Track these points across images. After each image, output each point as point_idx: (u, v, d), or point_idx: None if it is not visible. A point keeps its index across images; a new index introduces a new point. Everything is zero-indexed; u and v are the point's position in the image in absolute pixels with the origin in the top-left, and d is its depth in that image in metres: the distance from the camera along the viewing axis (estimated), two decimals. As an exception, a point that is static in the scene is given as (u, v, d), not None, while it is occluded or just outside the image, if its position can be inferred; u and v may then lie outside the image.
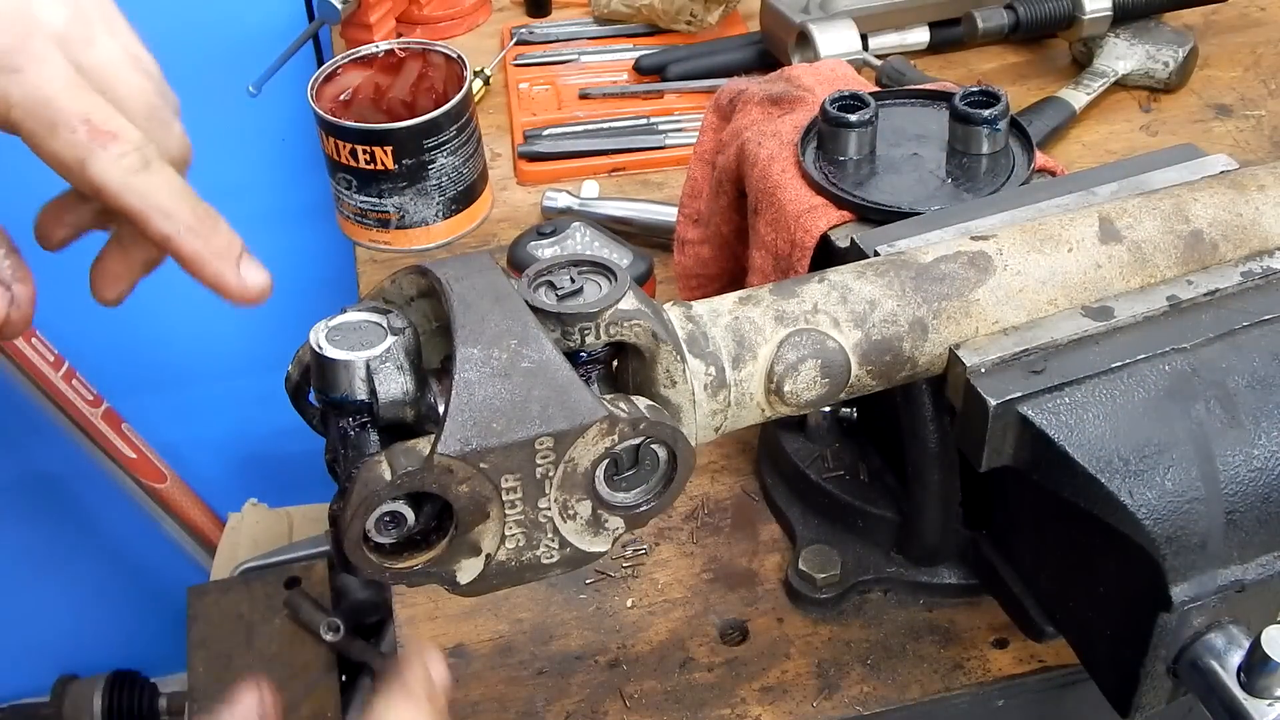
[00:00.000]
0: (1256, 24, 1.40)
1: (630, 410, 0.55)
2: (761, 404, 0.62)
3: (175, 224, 0.52)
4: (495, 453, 0.52)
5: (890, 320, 0.63)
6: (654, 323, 0.57)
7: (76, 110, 0.50)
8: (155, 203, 0.51)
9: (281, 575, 1.49)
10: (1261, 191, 0.69)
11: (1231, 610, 0.60)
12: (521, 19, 1.50)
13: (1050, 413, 0.61)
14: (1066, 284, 0.65)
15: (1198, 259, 0.67)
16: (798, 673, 0.78)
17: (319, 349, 0.53)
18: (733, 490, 0.90)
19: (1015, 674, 0.77)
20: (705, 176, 0.95)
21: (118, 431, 1.72)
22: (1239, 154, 1.19)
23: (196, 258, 0.53)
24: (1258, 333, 0.64)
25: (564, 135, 1.27)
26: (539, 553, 0.56)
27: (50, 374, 1.63)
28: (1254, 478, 0.60)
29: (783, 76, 0.94)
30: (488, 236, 1.18)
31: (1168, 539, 0.58)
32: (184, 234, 0.52)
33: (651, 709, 0.77)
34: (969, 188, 0.80)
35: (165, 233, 0.52)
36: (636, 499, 0.58)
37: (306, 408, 0.59)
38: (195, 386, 1.84)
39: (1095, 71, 1.28)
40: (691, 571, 0.85)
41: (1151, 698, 0.63)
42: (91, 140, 0.50)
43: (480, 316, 0.53)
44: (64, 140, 0.49)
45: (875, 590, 0.82)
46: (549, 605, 0.83)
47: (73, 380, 1.66)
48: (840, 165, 0.82)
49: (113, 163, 0.50)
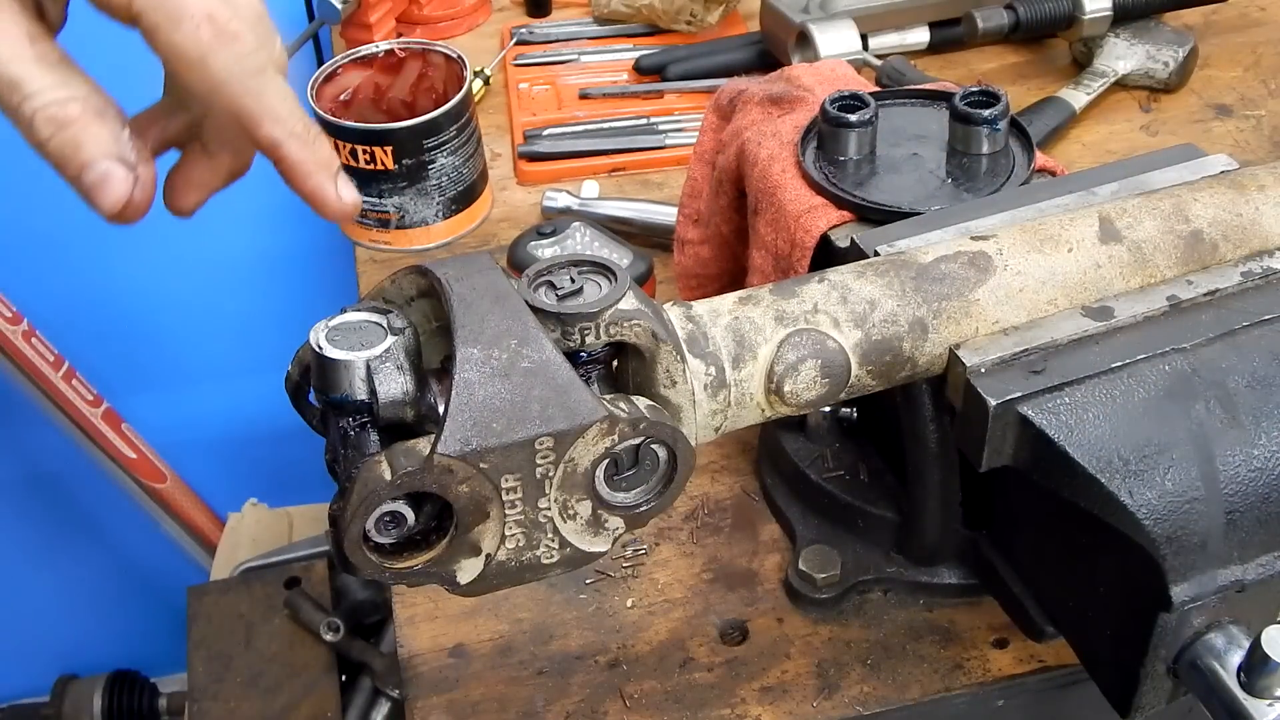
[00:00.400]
0: (1256, 24, 1.40)
1: (630, 410, 0.55)
2: (761, 404, 0.62)
3: (286, 129, 0.52)
4: (495, 453, 0.52)
5: (890, 320, 0.63)
6: (654, 323, 0.57)
7: (202, 6, 0.50)
8: (270, 105, 0.52)
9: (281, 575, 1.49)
10: (1261, 191, 0.69)
11: (1231, 610, 0.60)
12: (521, 19, 1.50)
13: (1050, 413, 0.61)
14: (1066, 284, 0.65)
15: (1198, 259, 0.67)
16: (798, 673, 0.78)
17: (319, 349, 0.53)
18: (733, 490, 0.90)
19: (1015, 674, 0.77)
20: (705, 176, 0.95)
21: (118, 431, 1.72)
22: (1239, 154, 1.19)
23: (300, 166, 0.53)
24: (1258, 333, 0.64)
25: (564, 135, 1.27)
26: (539, 553, 0.56)
27: (50, 374, 1.63)
28: (1254, 478, 0.60)
29: (783, 76, 0.94)
30: (488, 236, 1.18)
31: (1168, 539, 0.58)
32: (292, 141, 0.52)
33: (651, 709, 0.77)
34: (969, 188, 0.80)
35: (276, 137, 0.52)
36: (636, 499, 0.58)
37: (306, 408, 0.59)
38: (195, 386, 1.84)
39: (1095, 71, 1.28)
40: (691, 571, 0.85)
41: (1151, 698, 0.63)
42: (215, 37, 0.50)
43: (480, 316, 0.53)
44: (187, 34, 0.49)
45: (875, 590, 0.82)
46: (549, 605, 0.83)
47: (73, 380, 1.66)
48: (840, 165, 0.82)
49: (235, 61, 0.50)
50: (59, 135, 0.50)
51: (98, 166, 0.51)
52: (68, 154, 0.51)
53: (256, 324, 1.76)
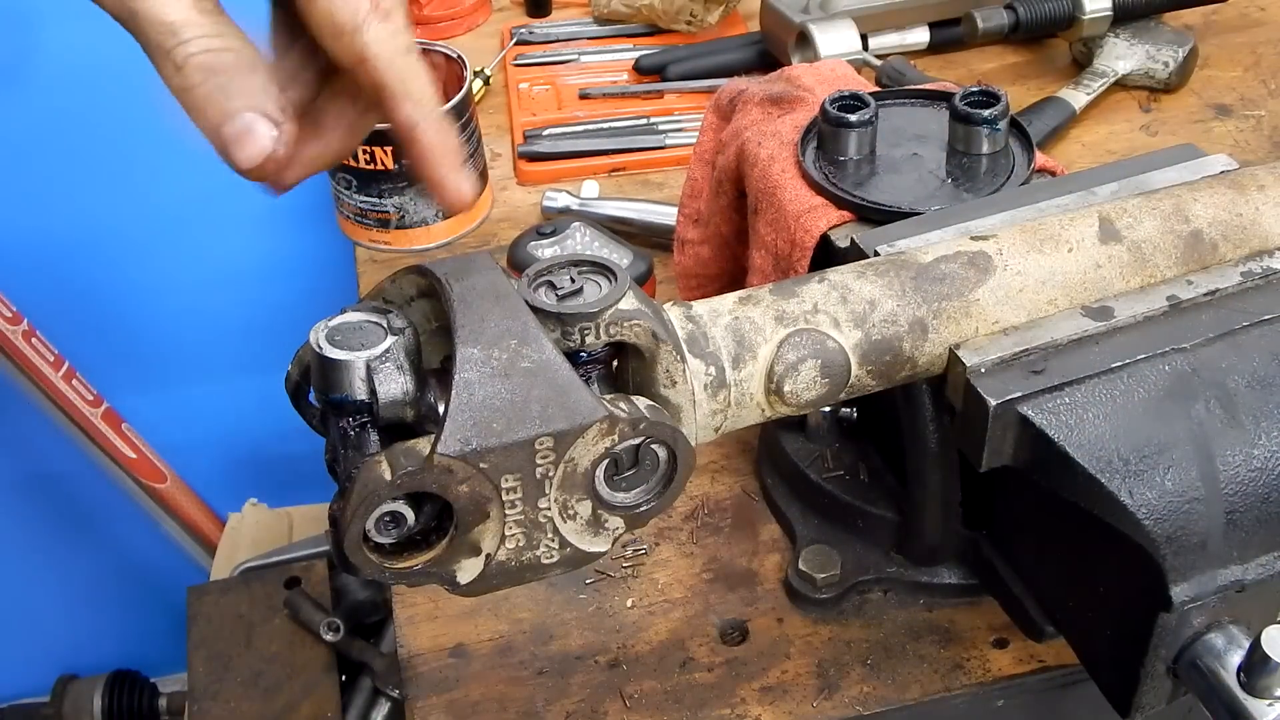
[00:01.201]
0: (1256, 24, 1.40)
1: (630, 410, 0.55)
2: (761, 404, 0.62)
3: (424, 111, 0.52)
4: (495, 453, 0.52)
5: (890, 320, 0.63)
6: (654, 323, 0.57)
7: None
8: (414, 86, 0.52)
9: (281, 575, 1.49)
10: (1261, 191, 0.69)
11: (1231, 610, 0.60)
12: (521, 19, 1.50)
13: (1050, 413, 0.61)
14: (1066, 284, 0.65)
15: (1198, 259, 0.67)
16: (798, 673, 0.78)
17: (319, 349, 0.53)
18: (733, 490, 0.90)
19: (1015, 674, 0.77)
20: (705, 176, 0.95)
21: (118, 431, 1.72)
22: (1239, 154, 1.19)
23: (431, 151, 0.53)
24: (1258, 333, 0.64)
25: (564, 135, 1.27)
26: (539, 553, 0.56)
27: (50, 374, 1.63)
28: (1254, 478, 0.60)
29: (783, 76, 0.94)
30: (488, 236, 1.18)
31: (1168, 539, 0.58)
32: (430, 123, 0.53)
33: (651, 709, 0.77)
34: (969, 188, 0.80)
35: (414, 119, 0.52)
36: (636, 499, 0.58)
37: (306, 408, 0.59)
38: (195, 386, 1.84)
39: (1095, 71, 1.28)
40: (691, 571, 0.85)
41: (1151, 698, 0.63)
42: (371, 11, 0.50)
43: (480, 316, 0.53)
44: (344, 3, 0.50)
45: (875, 590, 0.82)
46: (549, 605, 0.83)
47: (73, 380, 1.66)
48: (840, 165, 0.82)
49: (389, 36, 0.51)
50: (209, 82, 0.50)
51: (243, 118, 0.50)
52: (215, 100, 0.50)
53: (256, 324, 1.75)
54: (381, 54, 0.51)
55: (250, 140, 0.51)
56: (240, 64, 0.51)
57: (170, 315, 1.76)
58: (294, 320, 0.76)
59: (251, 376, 1.74)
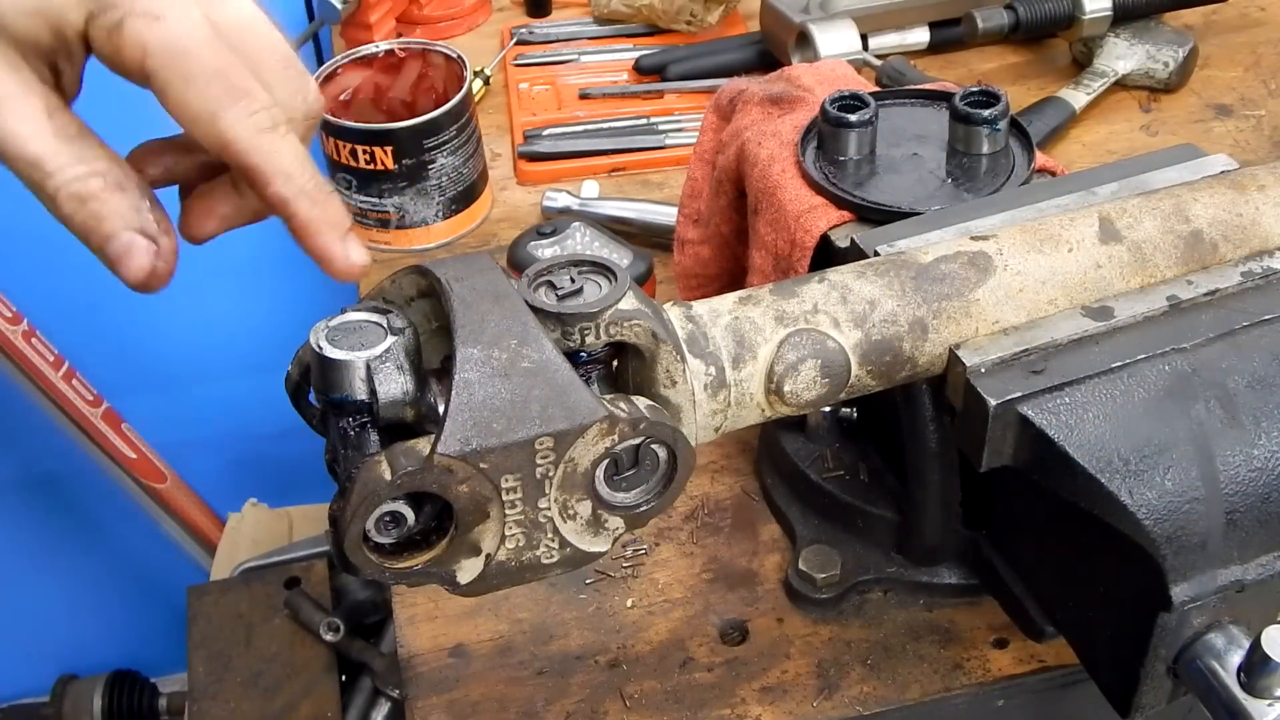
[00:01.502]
0: (1256, 24, 1.40)
1: (630, 410, 0.55)
2: (761, 404, 0.62)
3: (294, 187, 0.52)
4: (495, 453, 0.52)
5: (890, 320, 0.63)
6: (654, 323, 0.57)
7: (213, 64, 0.50)
8: (279, 164, 0.52)
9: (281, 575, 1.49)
10: (1261, 191, 0.69)
11: (1231, 610, 0.60)
12: (521, 19, 1.50)
13: (1050, 413, 0.61)
14: (1066, 284, 0.65)
15: (1198, 259, 0.67)
16: (798, 673, 0.78)
17: (319, 349, 0.53)
18: (733, 490, 0.90)
19: (1015, 674, 0.77)
20: (705, 176, 0.95)
21: (118, 431, 1.72)
22: (1239, 154, 1.19)
23: (308, 225, 0.53)
24: (1258, 333, 0.64)
25: (564, 135, 1.27)
26: (539, 553, 0.56)
27: (50, 374, 1.63)
28: (1254, 478, 0.60)
29: (783, 76, 0.94)
30: (488, 236, 1.18)
31: (1168, 539, 0.58)
32: (301, 199, 0.52)
33: (651, 709, 0.77)
34: (969, 188, 0.80)
35: (284, 195, 0.52)
36: (636, 499, 0.58)
37: (306, 408, 0.59)
38: (195, 386, 1.84)
39: (1095, 71, 1.28)
40: (691, 571, 0.85)
41: (1151, 698, 0.63)
42: (225, 95, 0.50)
43: (480, 316, 0.53)
44: (197, 93, 0.50)
45: (875, 590, 0.82)
46: (549, 605, 0.83)
47: (73, 380, 1.66)
48: (840, 165, 0.82)
49: (244, 119, 0.50)
50: (81, 210, 0.51)
51: (120, 238, 0.52)
52: (91, 227, 0.52)
53: (256, 324, 1.75)
54: (240, 138, 0.51)
55: (130, 259, 0.52)
56: (108, 187, 0.51)
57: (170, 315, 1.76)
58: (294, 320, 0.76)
59: (251, 376, 1.74)
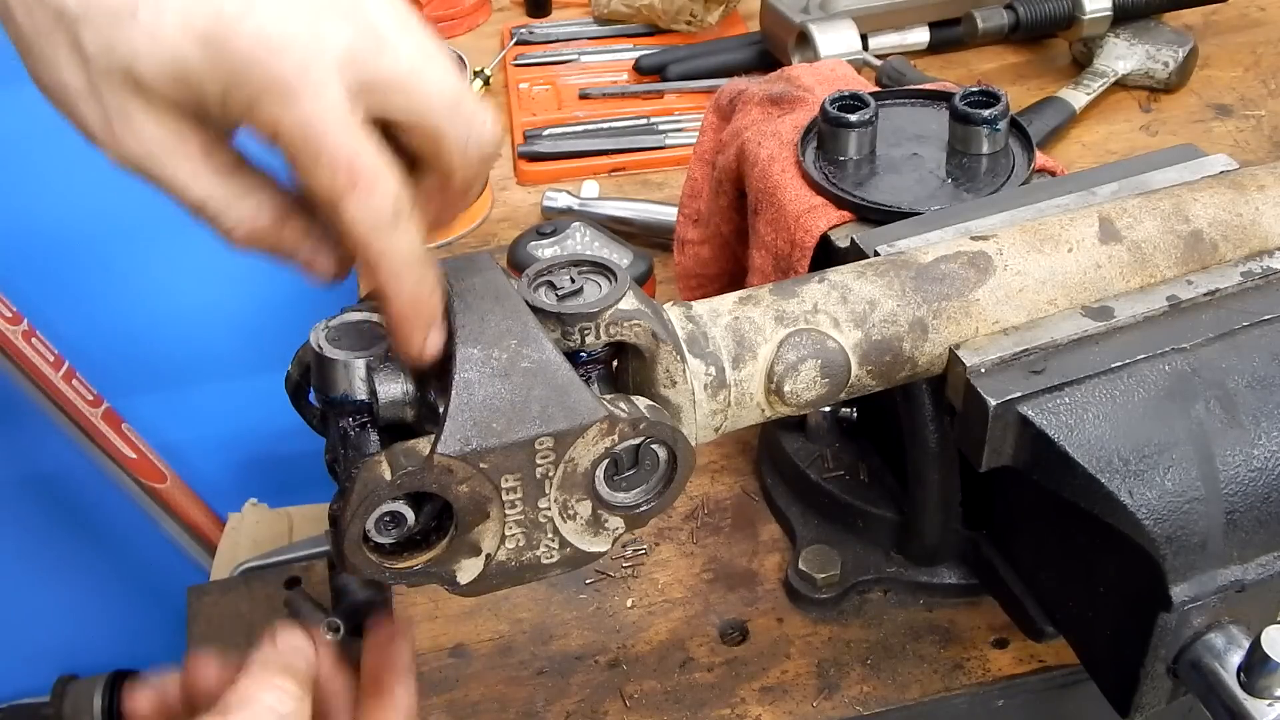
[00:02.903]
0: (1256, 24, 1.40)
1: (630, 410, 0.55)
2: (761, 404, 0.62)
3: (399, 287, 0.52)
4: (495, 453, 0.52)
5: (890, 320, 0.63)
6: (654, 323, 0.57)
7: (343, 151, 0.49)
8: (390, 265, 0.51)
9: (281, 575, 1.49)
10: (1261, 191, 0.69)
11: (1231, 610, 0.60)
12: (521, 19, 1.50)
13: (1050, 413, 0.61)
14: (1066, 284, 0.65)
15: (1198, 259, 0.67)
16: (798, 673, 0.78)
17: (319, 349, 0.53)
18: (733, 490, 0.90)
19: (1015, 674, 0.77)
20: (705, 176, 0.95)
21: (118, 431, 1.72)
22: (1239, 154, 1.19)
23: (400, 320, 0.53)
24: (1258, 333, 0.64)
25: (564, 135, 1.27)
26: (539, 553, 0.56)
27: (50, 374, 1.63)
28: (1254, 478, 0.60)
29: (783, 76, 0.94)
30: (488, 236, 1.18)
31: (1168, 539, 0.58)
32: (402, 298, 0.52)
33: (651, 709, 0.77)
34: (969, 188, 0.80)
35: (388, 292, 0.52)
36: (636, 499, 0.58)
37: (306, 408, 0.59)
38: (195, 386, 1.84)
39: (1095, 71, 1.28)
40: (691, 571, 0.85)
41: (1151, 698, 0.63)
42: (350, 185, 0.49)
43: (480, 316, 0.53)
44: (323, 177, 0.49)
45: (875, 590, 0.82)
46: (549, 605, 0.83)
47: (73, 380, 1.66)
48: (840, 165, 0.82)
49: (364, 211, 0.50)
50: (259, 243, 0.54)
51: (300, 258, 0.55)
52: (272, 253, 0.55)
53: (256, 324, 1.75)
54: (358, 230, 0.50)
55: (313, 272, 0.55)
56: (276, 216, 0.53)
57: (170, 315, 1.76)
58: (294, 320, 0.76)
59: (251, 376, 1.73)
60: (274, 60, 0.47)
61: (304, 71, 0.48)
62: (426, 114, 0.51)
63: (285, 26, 0.48)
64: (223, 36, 0.47)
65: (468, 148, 0.53)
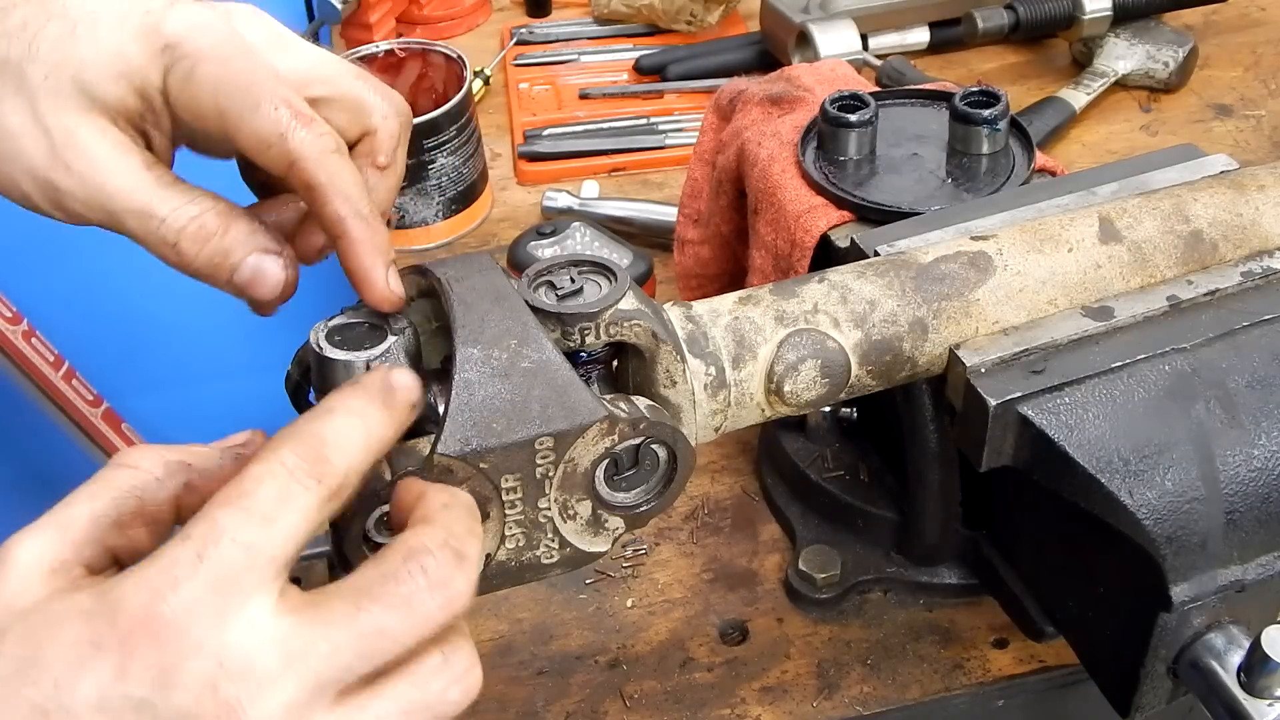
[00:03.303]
0: (1256, 24, 1.40)
1: (630, 410, 0.55)
2: (761, 404, 0.62)
3: (352, 207, 0.55)
4: (495, 453, 0.52)
5: (890, 320, 0.63)
6: (654, 323, 0.57)
7: (280, 92, 0.53)
8: (341, 183, 0.54)
9: (281, 575, 1.49)
10: (1261, 191, 0.69)
11: (1231, 610, 0.60)
12: (521, 19, 1.50)
13: (1050, 413, 0.61)
14: (1066, 284, 0.65)
15: (1198, 259, 0.67)
16: (798, 673, 0.78)
17: (319, 349, 0.53)
18: (733, 490, 0.90)
19: (1015, 674, 0.77)
20: (705, 176, 0.95)
21: (118, 431, 1.72)
22: (1239, 154, 1.19)
23: (358, 245, 0.55)
24: (1258, 333, 0.64)
25: (564, 135, 1.27)
26: (539, 553, 0.56)
27: (50, 374, 1.63)
28: (1254, 478, 0.60)
29: (783, 76, 0.94)
30: (488, 236, 1.18)
31: (1168, 539, 0.58)
32: (356, 220, 0.55)
33: (651, 709, 0.77)
34: (969, 188, 0.80)
35: (341, 214, 0.55)
36: (636, 499, 0.58)
37: (306, 408, 0.59)
38: (195, 386, 1.84)
39: (1095, 71, 1.28)
40: (691, 571, 0.85)
41: (1151, 698, 0.63)
42: (293, 118, 0.53)
43: (480, 316, 0.53)
44: (266, 115, 0.53)
45: (875, 590, 0.82)
46: (549, 605, 0.83)
47: (73, 380, 1.66)
48: (840, 165, 0.82)
49: (311, 139, 0.53)
50: (205, 249, 0.55)
51: (248, 264, 0.56)
52: (217, 263, 0.55)
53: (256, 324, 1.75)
54: (309, 154, 0.54)
55: (264, 278, 0.56)
56: (221, 218, 0.55)
57: (170, 315, 1.76)
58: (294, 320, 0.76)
59: (251, 376, 1.73)
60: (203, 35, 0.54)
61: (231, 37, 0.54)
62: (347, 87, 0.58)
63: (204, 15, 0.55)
64: (155, 25, 0.54)
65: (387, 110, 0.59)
